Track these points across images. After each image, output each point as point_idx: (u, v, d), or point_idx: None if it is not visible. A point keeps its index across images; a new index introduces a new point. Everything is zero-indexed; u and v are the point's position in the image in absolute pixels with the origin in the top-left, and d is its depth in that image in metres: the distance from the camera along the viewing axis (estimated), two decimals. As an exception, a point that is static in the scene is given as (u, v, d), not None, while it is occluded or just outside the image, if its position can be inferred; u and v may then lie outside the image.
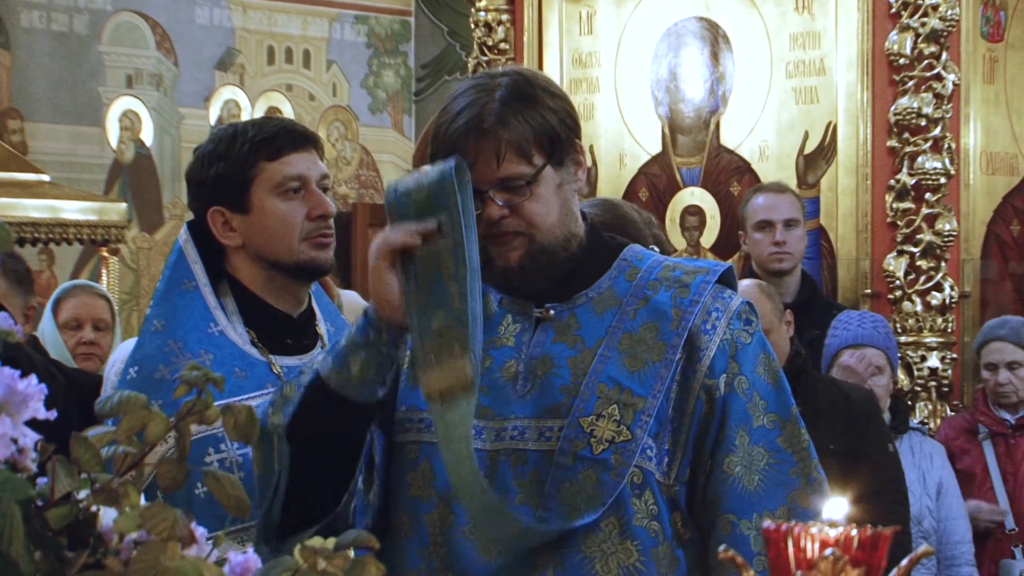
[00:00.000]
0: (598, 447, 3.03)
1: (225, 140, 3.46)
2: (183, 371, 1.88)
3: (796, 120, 6.98)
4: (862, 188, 6.76)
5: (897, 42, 6.66)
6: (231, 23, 13.47)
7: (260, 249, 3.45)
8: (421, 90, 14.76)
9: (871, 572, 2.02)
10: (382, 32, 14.54)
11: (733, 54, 7.15)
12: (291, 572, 1.74)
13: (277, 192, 3.41)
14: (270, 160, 3.41)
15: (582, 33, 7.57)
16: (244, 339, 3.45)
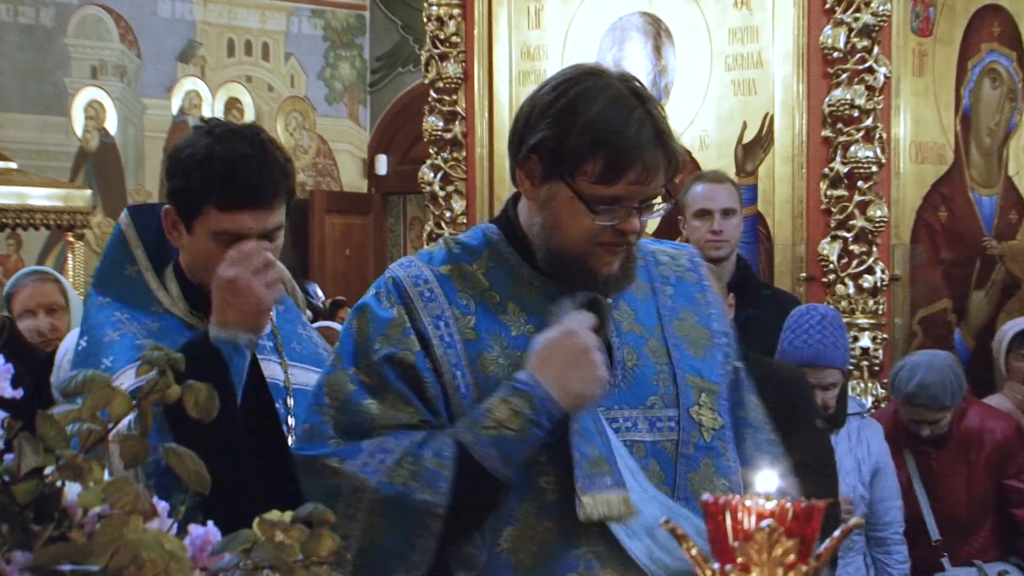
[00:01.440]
0: (708, 435, 3.04)
1: (197, 159, 3.30)
2: (145, 351, 1.88)
3: (735, 111, 6.99)
4: (798, 176, 6.78)
5: (831, 36, 6.68)
6: (192, 16, 13.45)
7: (188, 265, 3.41)
8: (375, 81, 14.77)
9: (804, 543, 2.03)
10: (338, 26, 14.54)
11: (675, 48, 7.16)
12: (249, 545, 1.74)
13: (214, 237, 3.29)
14: (219, 209, 3.27)
15: (530, 27, 7.56)
16: (187, 316, 3.43)
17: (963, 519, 6.19)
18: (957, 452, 6.14)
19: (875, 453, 5.82)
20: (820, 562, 2.05)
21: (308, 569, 1.76)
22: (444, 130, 7.72)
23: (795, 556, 2.01)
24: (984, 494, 6.19)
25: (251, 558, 1.73)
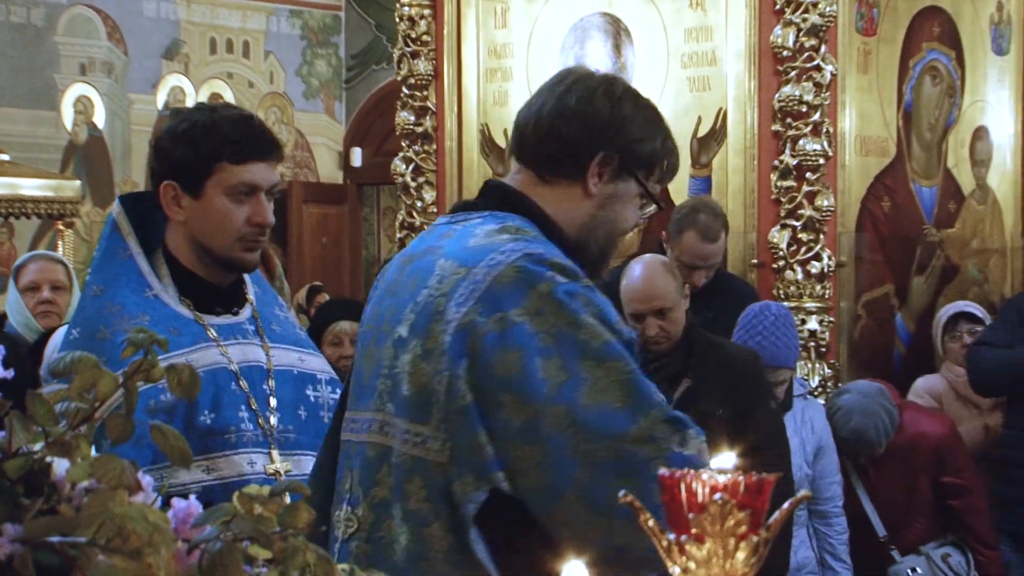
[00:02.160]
0: None
1: (199, 127, 3.38)
2: (130, 334, 1.87)
3: (690, 106, 6.99)
4: (749, 168, 6.79)
5: (781, 36, 6.68)
6: (176, 16, 13.42)
7: (198, 233, 3.41)
8: (351, 78, 14.76)
9: (755, 515, 2.03)
10: (315, 25, 14.52)
11: (633, 46, 7.16)
12: (229, 517, 1.74)
13: (229, 192, 3.37)
14: (233, 163, 3.35)
15: (497, 26, 7.55)
16: (177, 302, 3.43)
17: (903, 515, 6.22)
18: (895, 461, 6.15)
19: (818, 432, 5.84)
20: (770, 532, 2.05)
21: (285, 540, 1.75)
22: (415, 124, 7.71)
23: (746, 527, 2.02)
24: (923, 494, 6.22)
25: (231, 530, 1.72)
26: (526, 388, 2.89)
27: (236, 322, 3.49)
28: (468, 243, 3.06)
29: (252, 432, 3.38)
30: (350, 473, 3.13)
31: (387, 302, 3.14)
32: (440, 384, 2.94)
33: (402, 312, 3.06)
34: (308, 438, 3.49)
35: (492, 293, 2.96)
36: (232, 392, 3.39)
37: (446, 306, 2.98)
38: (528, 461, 2.88)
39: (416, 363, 3.00)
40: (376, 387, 3.07)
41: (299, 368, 3.57)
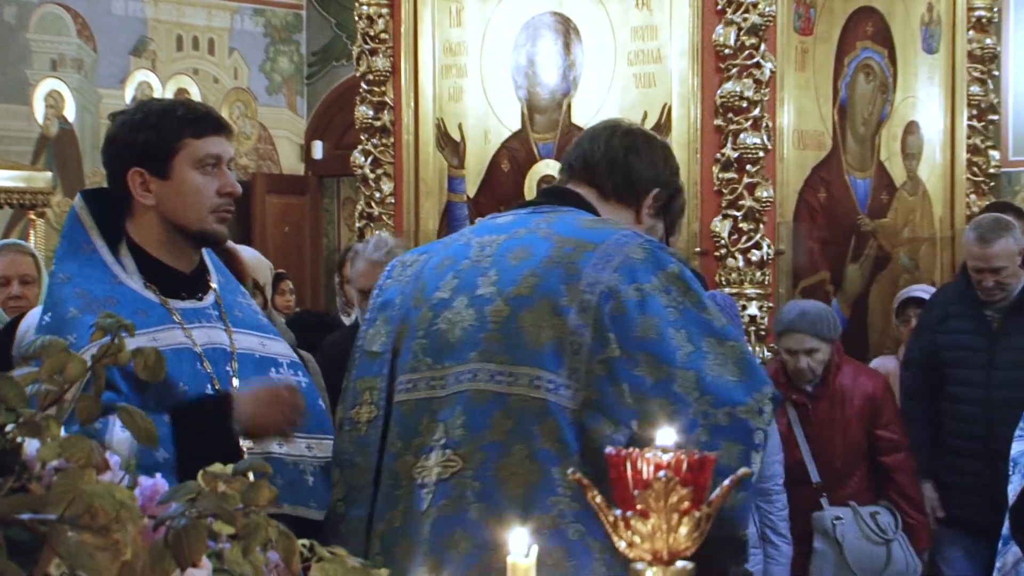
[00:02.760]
0: None
1: (155, 113, 3.45)
2: (98, 318, 1.86)
3: (636, 102, 7.00)
4: (692, 161, 6.79)
5: (723, 35, 6.69)
6: (144, 14, 13.36)
7: (171, 212, 3.42)
8: (312, 74, 14.73)
9: (698, 491, 2.04)
10: (277, 23, 14.49)
11: (582, 44, 7.16)
12: (194, 495, 1.73)
13: (197, 166, 3.41)
14: (195, 137, 3.40)
15: (452, 25, 7.54)
16: (142, 288, 3.42)
17: (839, 465, 6.26)
18: (832, 405, 6.21)
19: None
20: (712, 508, 2.06)
21: (248, 517, 1.75)
22: (374, 118, 7.70)
23: (689, 503, 2.02)
24: (857, 442, 6.26)
25: (195, 507, 1.72)
26: (662, 352, 3.18)
27: (200, 307, 3.49)
28: (580, 225, 3.35)
29: None
30: (438, 424, 3.26)
31: (470, 273, 3.34)
32: (583, 337, 3.18)
33: (514, 277, 3.27)
34: None
35: (628, 265, 3.23)
36: (196, 372, 3.38)
37: (582, 271, 3.22)
38: (658, 415, 3.10)
39: (548, 318, 3.21)
40: (479, 341, 3.25)
41: (261, 352, 3.56)
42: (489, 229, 3.47)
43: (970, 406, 6.38)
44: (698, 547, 2.05)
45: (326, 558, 1.86)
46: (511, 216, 3.50)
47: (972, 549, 6.32)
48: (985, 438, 6.13)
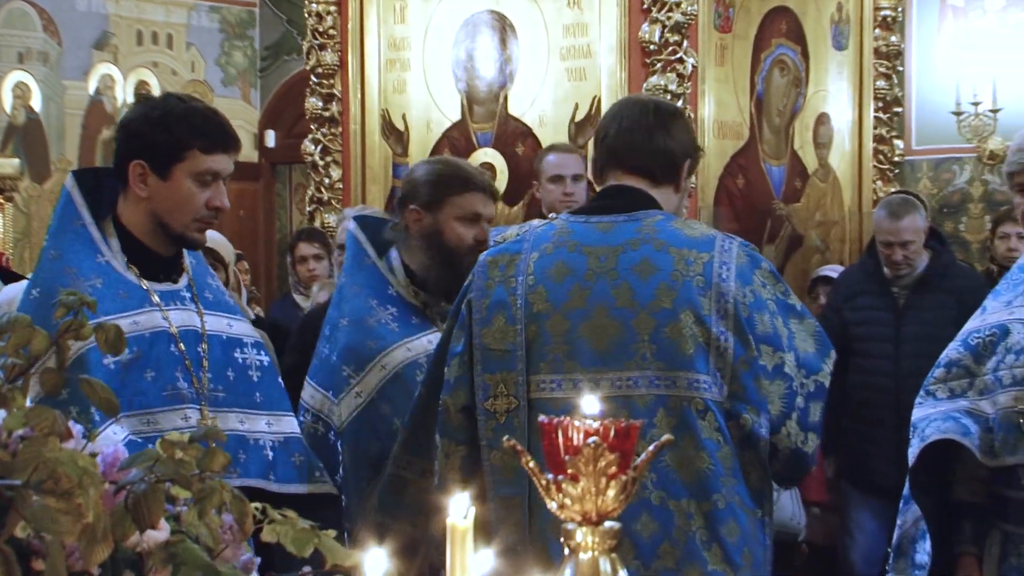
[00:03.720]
0: None
1: (173, 115, 3.38)
2: (61, 296, 1.85)
3: (568, 94, 7.00)
4: (621, 149, 6.80)
5: (648, 32, 6.70)
6: (106, 10, 13.27)
7: (160, 210, 3.40)
8: (264, 68, 14.68)
9: (624, 456, 2.04)
10: (232, 20, 14.42)
11: (518, 40, 7.16)
12: (152, 461, 1.72)
13: (195, 178, 3.37)
14: (203, 152, 3.36)
15: (396, 22, 7.52)
16: (124, 268, 3.40)
17: None
18: None
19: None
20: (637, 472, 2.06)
21: (203, 482, 1.74)
22: (323, 109, 7.67)
23: (616, 468, 2.03)
24: None
25: (154, 472, 1.71)
26: (774, 341, 3.54)
27: (175, 289, 3.48)
28: (684, 234, 3.60)
29: (187, 390, 3.37)
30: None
31: (599, 286, 3.57)
32: (727, 342, 3.50)
33: (650, 292, 3.54)
34: (235, 396, 3.49)
35: (740, 271, 3.55)
36: (171, 354, 3.38)
37: (710, 282, 3.53)
38: (775, 394, 3.54)
39: (693, 327, 3.50)
40: (631, 350, 3.51)
41: (228, 333, 3.56)
42: (593, 238, 3.64)
43: (880, 378, 6.42)
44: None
45: (277, 520, 1.86)
46: (609, 223, 3.65)
47: (880, 510, 6.36)
48: (894, 407, 6.17)
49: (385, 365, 4.08)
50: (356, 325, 4.14)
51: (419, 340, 4.15)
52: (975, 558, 3.93)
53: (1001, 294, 3.99)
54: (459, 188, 4.20)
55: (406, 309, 4.20)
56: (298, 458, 3.58)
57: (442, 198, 4.19)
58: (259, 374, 3.57)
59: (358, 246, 4.28)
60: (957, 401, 3.87)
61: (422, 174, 4.29)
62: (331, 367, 4.13)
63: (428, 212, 4.19)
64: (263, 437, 3.51)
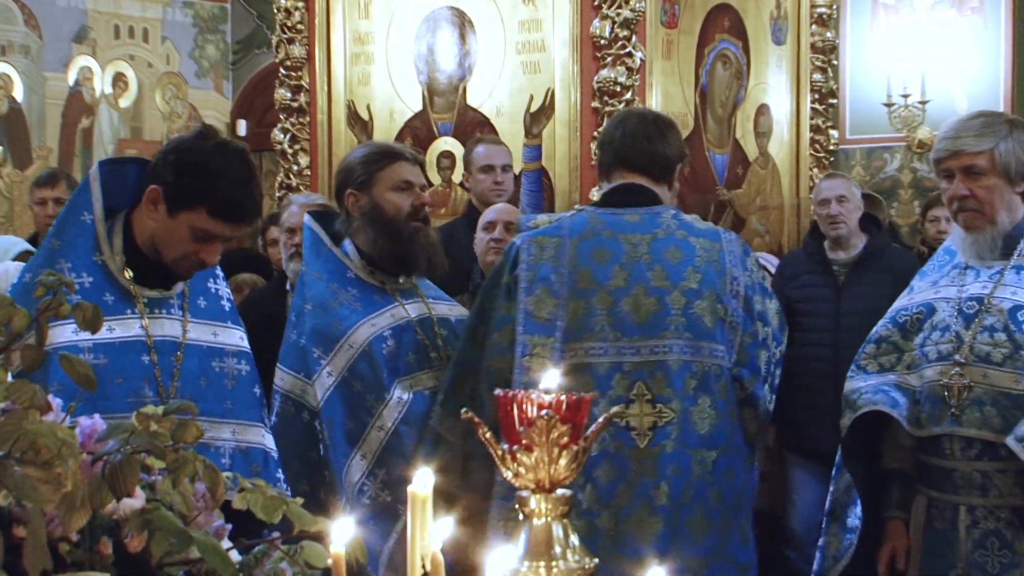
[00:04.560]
0: None
1: (207, 171, 3.26)
2: (41, 276, 1.84)
3: (523, 87, 7.00)
4: (573, 138, 6.81)
5: (599, 28, 6.70)
6: (84, 5, 13.19)
7: (157, 237, 3.34)
8: (236, 60, 14.61)
9: (575, 427, 2.05)
10: (205, 15, 14.35)
11: (476, 35, 7.14)
12: (128, 433, 1.72)
13: (193, 231, 3.29)
14: (210, 216, 3.27)
15: (360, 17, 7.49)
16: (119, 270, 3.36)
17: None
18: None
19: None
20: (588, 442, 2.07)
21: (177, 452, 1.74)
22: (291, 100, 7.64)
23: (568, 438, 2.03)
24: None
25: (130, 444, 1.71)
26: (763, 318, 4.18)
27: (165, 297, 3.42)
28: (696, 227, 4.23)
29: (151, 399, 3.31)
30: (635, 382, 4.05)
31: (636, 267, 4.09)
32: (739, 318, 4.10)
33: (681, 273, 4.10)
34: (205, 405, 3.41)
35: (740, 258, 4.17)
36: (140, 363, 3.33)
37: (724, 268, 4.13)
38: (761, 359, 4.18)
39: (712, 305, 4.07)
40: (666, 322, 4.05)
41: (210, 343, 3.49)
42: (625, 227, 4.18)
43: (820, 349, 6.46)
44: None
45: (247, 488, 1.85)
46: (637, 216, 4.21)
47: (819, 476, 6.40)
48: (833, 378, 6.20)
49: (352, 344, 4.07)
50: (320, 309, 4.14)
51: (382, 315, 4.15)
52: (902, 522, 3.96)
53: (927, 275, 4.01)
54: (385, 161, 4.22)
55: (366, 289, 4.20)
56: (255, 468, 3.52)
57: (371, 174, 4.21)
58: (234, 383, 3.52)
59: (315, 236, 4.28)
60: (886, 375, 3.89)
61: (349, 161, 4.35)
62: (300, 350, 4.11)
63: (363, 192, 4.21)
64: (224, 445, 3.46)
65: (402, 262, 4.19)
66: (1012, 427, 3.63)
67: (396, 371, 4.07)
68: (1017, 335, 3.68)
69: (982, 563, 3.77)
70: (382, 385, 4.03)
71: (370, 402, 4.02)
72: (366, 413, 4.00)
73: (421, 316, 4.22)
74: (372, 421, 4.01)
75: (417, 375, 4.13)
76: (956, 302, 3.83)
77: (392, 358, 4.07)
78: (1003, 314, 3.73)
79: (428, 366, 4.15)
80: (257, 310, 5.65)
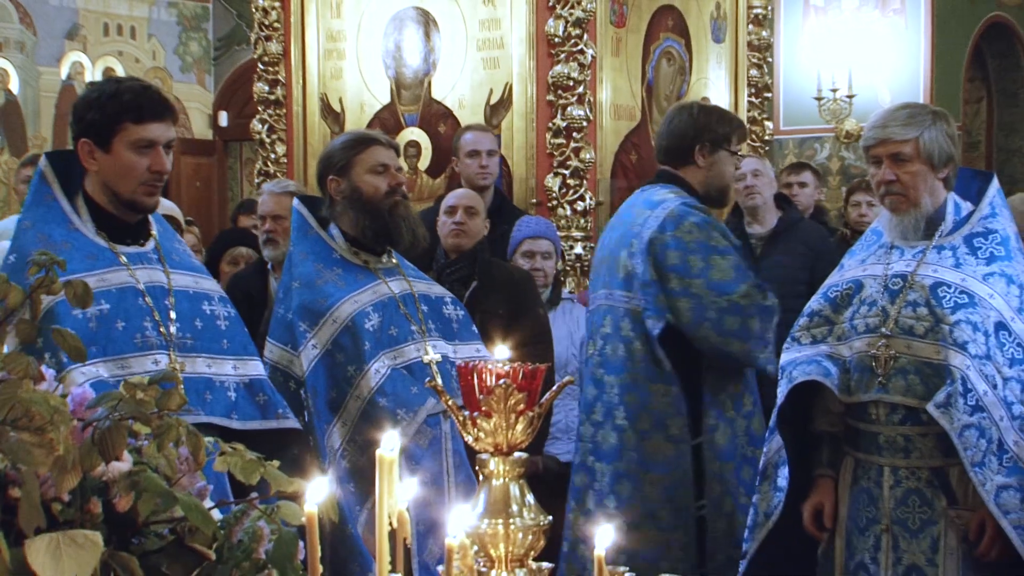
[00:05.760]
0: None
1: (107, 94, 3.34)
2: (34, 256, 1.81)
3: (484, 81, 6.98)
4: (530, 129, 6.80)
5: (553, 27, 6.69)
6: (76, 4, 13.12)
7: (109, 181, 3.36)
8: (217, 56, 14.55)
9: (531, 395, 2.05)
10: (188, 14, 14.28)
11: (440, 34, 7.12)
12: (116, 401, 1.70)
13: (132, 147, 3.31)
14: (134, 123, 3.30)
15: (333, 16, 7.45)
16: (94, 235, 3.35)
17: None
18: None
19: (581, 326, 5.91)
20: (542, 408, 2.07)
21: (161, 419, 1.72)
22: (269, 93, 7.59)
23: (524, 405, 2.03)
24: None
25: (118, 411, 1.69)
26: (681, 271, 4.47)
27: (142, 251, 3.43)
28: (653, 197, 4.66)
29: (155, 338, 3.32)
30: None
31: (614, 234, 4.72)
32: (640, 270, 4.53)
33: (627, 239, 4.62)
34: (202, 343, 3.44)
35: (666, 222, 4.52)
36: (139, 306, 3.32)
37: (641, 231, 4.56)
38: (684, 307, 4.47)
39: (626, 261, 4.59)
40: (604, 277, 4.69)
41: (195, 288, 3.50)
42: (630, 202, 4.80)
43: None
44: None
45: (228, 452, 1.84)
46: (641, 195, 4.80)
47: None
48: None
49: (336, 319, 4.06)
50: (306, 286, 4.13)
51: (364, 292, 4.14)
52: (831, 480, 3.98)
53: (856, 254, 4.03)
54: (361, 147, 4.21)
55: (350, 268, 4.19)
56: (261, 397, 3.53)
57: (349, 159, 4.20)
58: (226, 324, 3.52)
59: (302, 219, 4.26)
60: (819, 346, 3.91)
61: (329, 149, 4.35)
62: (288, 324, 4.10)
63: (343, 176, 4.20)
64: (228, 379, 3.46)
65: (386, 237, 4.18)
66: (933, 394, 3.65)
67: (381, 344, 4.06)
68: (938, 309, 3.71)
69: (904, 519, 3.79)
70: (362, 358, 4.02)
71: (350, 373, 4.01)
72: (346, 383, 4.00)
73: (403, 292, 4.21)
74: (351, 391, 4.01)
75: (400, 347, 4.12)
76: (882, 279, 3.85)
77: (377, 332, 4.06)
78: (925, 290, 3.75)
79: (411, 339, 4.14)
80: (240, 288, 5.66)
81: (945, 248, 3.82)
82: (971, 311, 3.68)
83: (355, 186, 4.18)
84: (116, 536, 1.71)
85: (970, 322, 3.66)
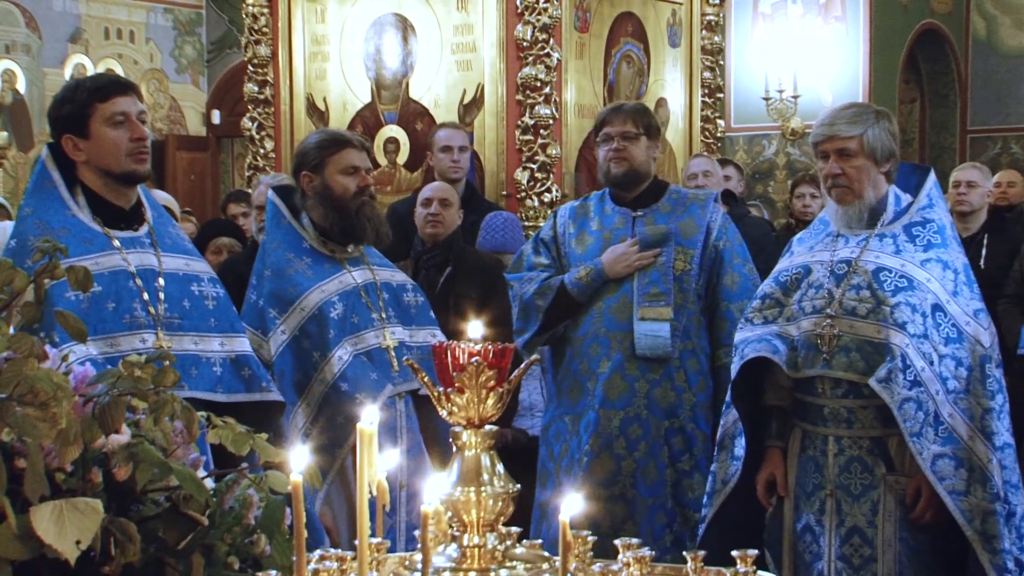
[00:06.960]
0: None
1: (70, 89, 3.36)
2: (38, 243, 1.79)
3: (457, 82, 6.96)
4: (500, 127, 6.79)
5: (522, 32, 6.68)
6: (78, 10, 13.06)
7: (99, 162, 3.33)
8: (210, 59, 14.51)
9: (501, 373, 2.04)
10: (183, 19, 14.23)
11: (417, 38, 7.09)
12: (115, 378, 1.68)
13: (108, 123, 3.30)
14: (101, 101, 3.29)
15: (317, 22, 7.42)
16: (90, 220, 3.33)
17: None
18: None
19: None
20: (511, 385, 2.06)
21: (157, 395, 1.71)
22: (258, 93, 7.56)
23: (494, 382, 2.02)
24: None
25: (116, 387, 1.67)
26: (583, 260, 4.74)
27: (136, 236, 3.40)
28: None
29: (144, 318, 3.29)
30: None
31: None
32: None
33: None
34: (190, 322, 3.41)
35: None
36: (129, 288, 3.29)
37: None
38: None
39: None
40: None
41: (185, 271, 3.47)
42: None
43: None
44: None
45: (219, 425, 1.82)
46: None
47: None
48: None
49: (304, 307, 4.03)
50: (277, 275, 4.09)
51: (331, 282, 4.11)
52: (780, 450, 4.00)
53: (805, 241, 4.05)
54: (335, 148, 4.17)
55: (319, 258, 4.15)
56: (246, 372, 3.50)
57: (323, 159, 4.15)
58: (214, 303, 3.49)
59: (276, 209, 4.23)
60: (770, 326, 3.92)
61: (305, 145, 4.29)
62: (259, 311, 4.07)
63: (316, 174, 4.15)
64: (215, 355, 3.43)
65: (351, 233, 4.15)
66: (874, 371, 3.67)
67: (344, 331, 4.04)
68: (879, 292, 3.73)
69: (847, 484, 3.82)
70: (327, 345, 4.00)
71: (316, 358, 3.99)
72: (312, 368, 3.98)
73: (366, 281, 4.18)
74: (315, 375, 3.99)
75: (361, 334, 4.10)
76: (829, 264, 3.87)
77: (341, 320, 4.04)
78: (868, 275, 3.77)
79: (371, 326, 4.12)
80: (233, 272, 5.63)
81: (887, 236, 3.83)
82: (910, 294, 3.70)
83: (327, 184, 4.15)
84: (115, 503, 1.70)
85: (909, 304, 3.69)
